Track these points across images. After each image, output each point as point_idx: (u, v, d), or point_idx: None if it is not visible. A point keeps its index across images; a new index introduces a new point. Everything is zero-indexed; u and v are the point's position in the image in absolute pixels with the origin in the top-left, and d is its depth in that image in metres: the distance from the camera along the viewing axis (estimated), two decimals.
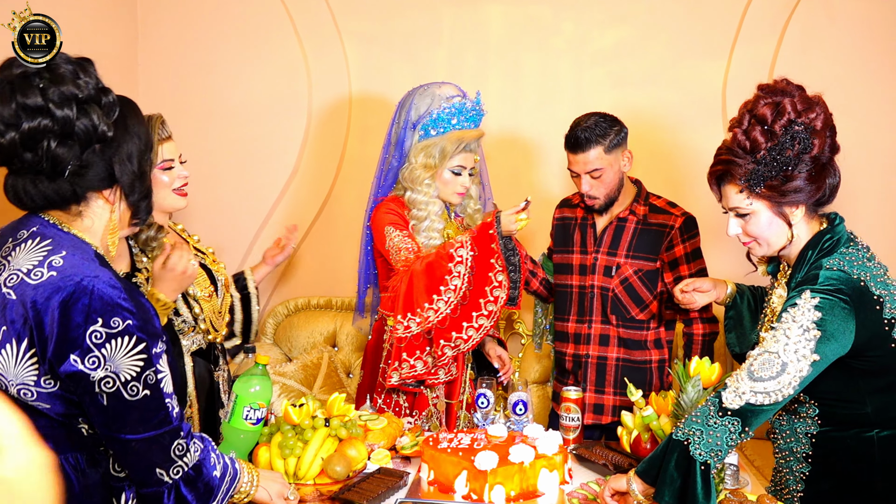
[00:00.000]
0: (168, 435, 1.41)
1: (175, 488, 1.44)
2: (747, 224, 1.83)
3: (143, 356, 1.37)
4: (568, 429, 2.28)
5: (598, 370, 2.52)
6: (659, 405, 2.08)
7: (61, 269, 1.35)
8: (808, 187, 1.75)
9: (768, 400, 1.62)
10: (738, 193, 1.80)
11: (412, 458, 2.14)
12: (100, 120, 1.39)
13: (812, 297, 1.67)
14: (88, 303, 1.33)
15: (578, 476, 2.05)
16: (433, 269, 2.31)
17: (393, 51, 3.37)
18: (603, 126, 2.39)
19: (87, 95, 1.38)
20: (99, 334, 1.33)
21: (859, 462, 1.79)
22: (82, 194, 1.43)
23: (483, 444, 1.99)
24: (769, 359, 1.65)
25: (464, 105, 2.46)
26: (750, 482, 2.02)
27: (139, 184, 1.48)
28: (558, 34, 3.30)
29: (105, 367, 1.34)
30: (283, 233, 2.74)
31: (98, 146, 1.41)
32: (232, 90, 3.42)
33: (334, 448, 1.91)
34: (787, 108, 1.73)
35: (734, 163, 1.78)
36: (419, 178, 2.45)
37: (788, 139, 1.73)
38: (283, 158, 3.43)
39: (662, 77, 3.26)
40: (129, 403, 1.36)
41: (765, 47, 3.20)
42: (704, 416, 1.65)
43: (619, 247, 2.48)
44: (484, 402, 2.29)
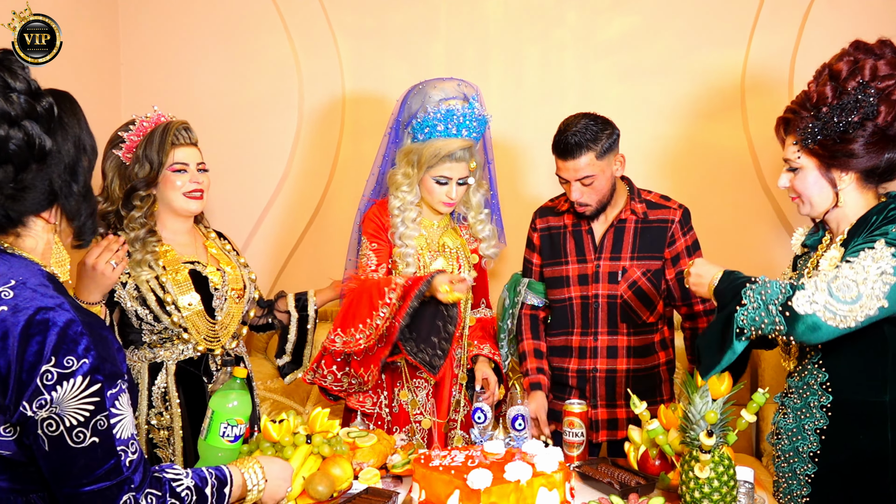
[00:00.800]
0: (115, 488, 1.31)
1: None
2: (795, 178, 1.87)
3: (95, 399, 1.27)
4: (571, 445, 2.24)
5: (608, 384, 2.48)
6: (668, 418, 2.04)
7: (11, 303, 1.26)
8: (863, 154, 1.75)
9: (831, 322, 1.66)
10: (792, 145, 1.85)
11: (404, 477, 2.11)
12: (36, 135, 1.28)
13: (888, 245, 1.68)
14: (42, 340, 1.25)
15: (582, 495, 2.01)
16: (367, 297, 2.36)
17: (388, 46, 3.36)
18: (594, 130, 2.32)
19: (18, 111, 1.26)
20: (50, 375, 1.24)
21: (871, 464, 1.77)
22: (17, 219, 1.32)
23: (478, 462, 1.96)
24: (848, 283, 1.66)
25: (451, 112, 2.40)
26: (766, 500, 1.97)
27: (84, 204, 1.38)
28: (562, 24, 3.28)
29: (50, 408, 1.24)
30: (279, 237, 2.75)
31: (36, 165, 1.30)
32: (218, 89, 3.43)
33: (317, 466, 1.89)
34: (864, 69, 1.74)
35: (798, 113, 1.82)
36: (396, 184, 2.46)
37: (853, 101, 1.74)
38: (273, 161, 3.44)
39: (675, 68, 3.23)
40: (74, 451, 1.27)
41: (786, 33, 3.16)
42: (771, 297, 1.72)
43: (622, 250, 2.44)
44: (481, 417, 2.27)
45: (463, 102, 2.44)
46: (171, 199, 2.26)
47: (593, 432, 2.51)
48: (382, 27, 3.36)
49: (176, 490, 1.40)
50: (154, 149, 2.21)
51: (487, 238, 2.61)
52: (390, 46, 3.36)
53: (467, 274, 2.54)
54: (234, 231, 3.45)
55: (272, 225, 3.48)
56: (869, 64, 1.73)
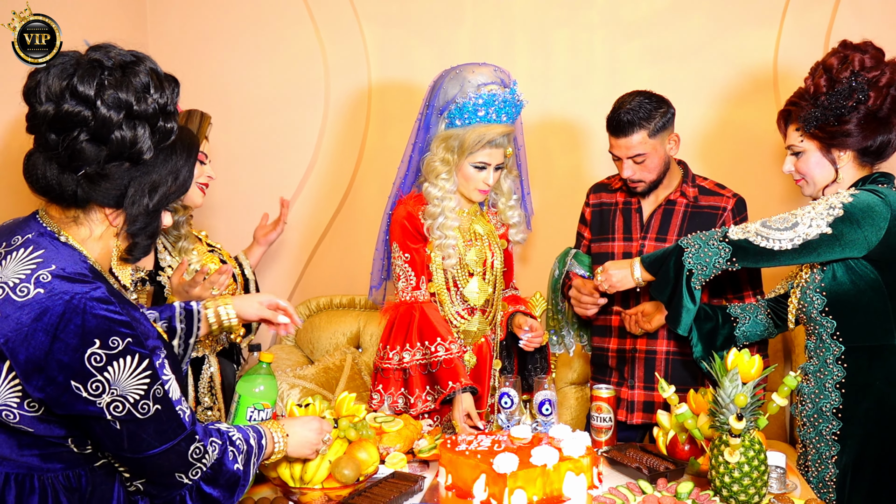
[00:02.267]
0: (184, 441, 1.43)
1: (195, 488, 1.46)
2: (799, 161, 2.13)
3: (148, 372, 1.37)
4: (599, 430, 2.23)
5: (647, 365, 2.46)
6: (698, 403, 2.02)
7: (49, 287, 1.32)
8: (857, 134, 2.02)
9: (765, 244, 1.99)
10: (795, 132, 2.12)
11: (430, 461, 2.12)
12: (142, 139, 1.37)
13: (853, 192, 1.99)
14: (81, 323, 1.31)
15: (609, 480, 2.00)
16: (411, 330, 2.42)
17: (413, 34, 3.35)
18: (647, 108, 2.34)
19: (141, 110, 1.36)
20: (98, 357, 1.31)
21: (890, 413, 1.97)
22: (83, 200, 1.40)
23: (504, 447, 1.96)
24: (785, 216, 2.03)
25: (493, 96, 2.37)
26: (798, 486, 1.94)
27: (145, 219, 1.44)
28: (590, 6, 3.24)
29: (111, 391, 1.33)
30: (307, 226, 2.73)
31: (127, 164, 1.38)
32: (245, 80, 3.45)
33: (343, 450, 1.90)
34: (853, 61, 2.01)
35: (798, 104, 2.10)
36: (436, 171, 2.40)
37: (847, 88, 2.00)
38: (299, 152, 3.45)
39: (706, 49, 3.18)
40: (143, 422, 1.37)
41: (819, 13, 3.09)
42: (709, 236, 2.11)
43: (668, 231, 2.43)
44: (507, 401, 2.26)
45: (503, 88, 2.41)
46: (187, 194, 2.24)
47: (629, 414, 2.49)
48: (407, 15, 3.36)
49: (231, 438, 1.54)
50: None
51: (518, 224, 2.60)
52: (415, 34, 3.35)
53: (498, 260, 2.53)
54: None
55: (300, 214, 3.49)
56: (857, 57, 2.01)
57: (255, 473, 1.58)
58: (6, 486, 1.39)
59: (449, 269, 2.45)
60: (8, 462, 1.39)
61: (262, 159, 3.49)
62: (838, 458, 1.98)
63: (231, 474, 1.50)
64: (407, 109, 2.68)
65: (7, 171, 2.48)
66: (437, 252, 2.44)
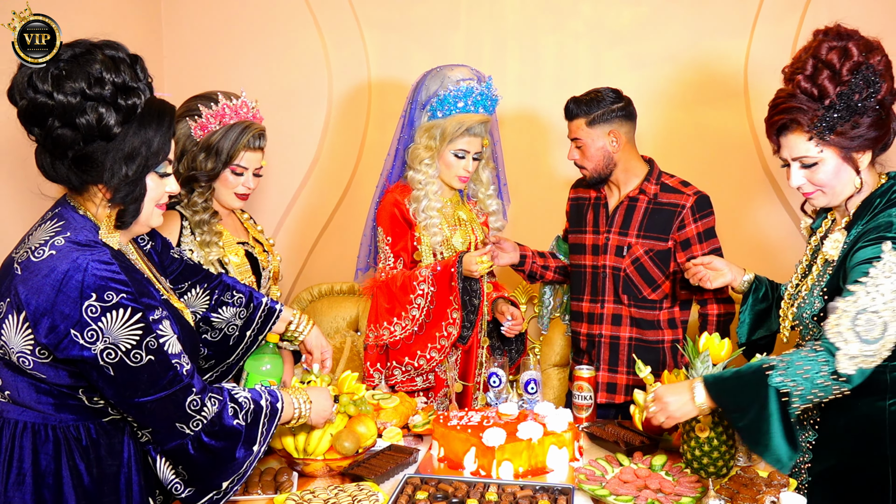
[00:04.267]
0: (180, 393, 1.47)
1: (196, 439, 1.49)
2: (814, 173, 1.77)
3: (141, 325, 1.43)
4: (580, 407, 2.25)
5: (612, 349, 2.47)
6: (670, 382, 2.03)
7: (60, 249, 1.42)
8: (876, 130, 1.71)
9: (874, 362, 1.60)
10: (808, 142, 1.73)
11: (424, 436, 2.13)
12: (107, 118, 1.42)
13: (894, 248, 1.62)
14: (82, 279, 1.39)
15: (589, 454, 2.03)
16: (395, 295, 2.44)
17: (411, 37, 3.35)
18: (594, 101, 2.40)
19: (97, 93, 1.41)
20: (94, 308, 1.39)
21: (869, 431, 1.73)
22: (79, 184, 1.49)
23: (493, 422, 1.98)
24: (872, 318, 1.59)
25: (471, 89, 2.44)
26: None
27: (126, 187, 1.49)
28: (575, 15, 3.25)
29: (104, 339, 1.40)
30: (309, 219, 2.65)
31: (103, 142, 1.44)
32: (254, 81, 3.43)
33: (344, 424, 1.91)
34: (853, 51, 1.69)
35: (800, 110, 1.72)
36: (419, 158, 2.46)
37: (859, 82, 1.68)
38: (303, 148, 3.45)
39: (682, 56, 3.20)
40: (135, 370, 1.42)
41: (787, 24, 3.11)
42: (814, 373, 1.61)
43: (629, 226, 2.43)
44: (496, 380, 2.28)
45: (479, 83, 2.48)
46: (221, 195, 2.23)
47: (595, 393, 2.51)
48: (406, 20, 3.36)
49: (235, 397, 1.56)
50: (227, 145, 2.15)
51: (496, 212, 2.66)
52: (413, 38, 3.35)
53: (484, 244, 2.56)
54: (267, 213, 3.48)
55: (303, 207, 3.49)
56: (854, 45, 1.69)
57: (270, 433, 1.59)
58: (24, 431, 1.48)
59: (437, 250, 2.49)
60: (27, 410, 1.48)
61: (269, 155, 3.46)
62: (811, 465, 1.83)
63: (230, 429, 1.53)
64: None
65: (6, 169, 2.48)
66: (425, 233, 2.49)
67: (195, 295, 1.88)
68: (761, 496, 1.67)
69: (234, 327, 1.92)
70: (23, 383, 1.47)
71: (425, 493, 1.69)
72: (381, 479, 1.82)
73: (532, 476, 1.87)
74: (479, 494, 1.70)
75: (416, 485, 1.75)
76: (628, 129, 2.42)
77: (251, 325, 1.93)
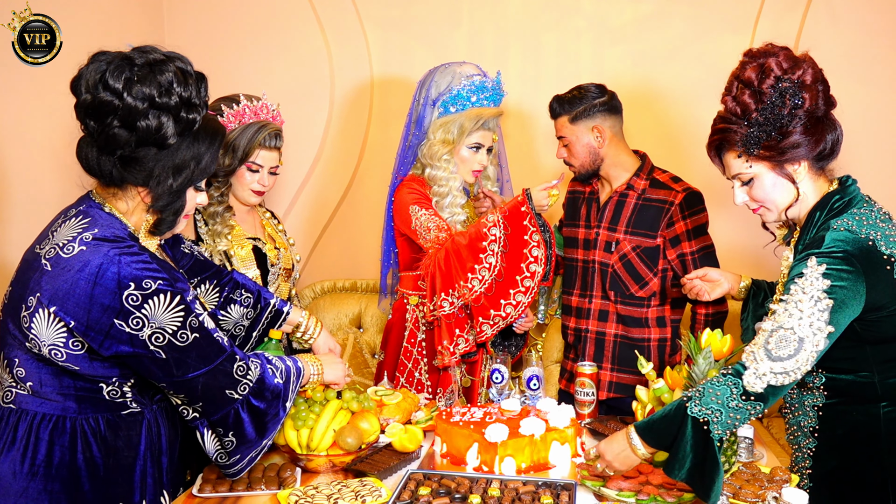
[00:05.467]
0: (226, 362, 1.56)
1: (245, 402, 1.59)
2: (752, 189, 1.78)
3: (182, 307, 1.50)
4: (583, 403, 2.25)
5: (597, 345, 2.47)
6: (673, 379, 2.04)
7: (90, 245, 1.46)
8: (806, 142, 1.70)
9: (788, 379, 1.57)
10: (737, 158, 1.76)
11: (427, 432, 2.13)
12: (166, 128, 1.47)
13: (818, 263, 1.61)
14: (117, 271, 1.44)
15: None
16: (467, 248, 2.31)
17: (413, 34, 3.35)
18: (575, 97, 2.40)
19: (164, 102, 1.47)
20: (135, 297, 1.44)
21: (865, 438, 1.72)
22: (119, 180, 1.53)
23: (495, 418, 1.98)
24: (785, 335, 1.58)
25: (483, 83, 2.46)
26: (765, 455, 1.97)
27: (168, 196, 1.54)
28: (577, 12, 3.24)
29: (150, 325, 1.46)
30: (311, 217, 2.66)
31: (155, 149, 1.50)
32: (256, 78, 3.43)
33: (347, 420, 1.91)
34: (771, 67, 1.69)
35: (729, 129, 1.75)
36: (437, 154, 2.44)
37: (777, 96, 1.68)
38: (307, 144, 3.45)
39: (684, 53, 3.19)
40: (183, 348, 1.50)
41: (790, 20, 3.10)
42: (725, 397, 1.58)
43: (619, 222, 2.42)
44: (498, 377, 2.28)
45: (487, 77, 2.49)
46: (238, 190, 2.33)
47: (572, 385, 2.51)
48: (408, 17, 3.35)
49: (269, 360, 1.67)
50: (243, 143, 2.26)
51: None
52: (415, 35, 3.35)
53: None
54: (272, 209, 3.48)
55: (305, 205, 3.50)
56: (773, 62, 1.69)
57: (294, 396, 1.72)
58: (42, 423, 1.51)
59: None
60: (46, 402, 1.51)
61: None
62: (812, 471, 1.82)
63: (274, 387, 1.64)
64: (406, 106, 2.70)
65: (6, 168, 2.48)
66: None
67: (205, 291, 1.92)
68: (763, 492, 1.67)
69: (240, 328, 1.98)
70: (47, 375, 1.50)
71: (428, 489, 1.69)
72: (384, 474, 1.83)
73: (534, 472, 1.87)
74: (482, 490, 1.70)
75: (419, 480, 1.76)
76: (613, 123, 2.41)
77: (257, 326, 2.00)
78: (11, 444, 1.49)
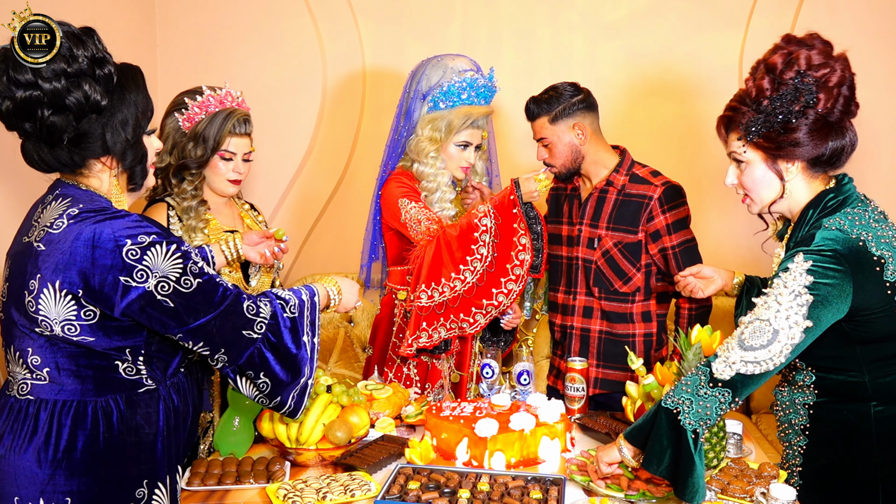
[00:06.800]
0: (234, 302, 1.56)
1: (265, 340, 1.59)
2: (742, 174, 1.79)
3: (178, 254, 1.50)
4: (573, 399, 2.26)
5: (582, 341, 2.48)
6: (663, 374, 2.04)
7: (78, 217, 1.47)
8: (807, 143, 1.67)
9: (759, 369, 1.57)
10: (737, 140, 1.76)
11: (417, 426, 2.14)
12: (92, 91, 1.47)
13: (805, 259, 1.60)
14: (112, 232, 1.44)
15: (581, 445, 2.03)
16: (459, 239, 2.30)
17: (406, 27, 3.34)
18: (552, 98, 2.38)
19: (76, 70, 1.45)
20: (134, 251, 1.45)
21: (856, 437, 1.72)
22: (80, 162, 1.53)
23: (485, 413, 1.98)
24: (760, 326, 1.59)
25: (475, 80, 2.43)
26: (753, 451, 1.98)
27: (131, 150, 1.56)
28: (571, 7, 3.24)
29: (154, 275, 1.47)
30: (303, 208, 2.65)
31: (94, 115, 1.49)
32: (248, 70, 3.42)
33: (336, 414, 1.91)
34: (798, 59, 1.65)
35: (738, 110, 1.73)
36: (425, 151, 2.43)
37: (792, 91, 1.65)
38: (299, 137, 3.43)
39: (677, 49, 3.19)
40: (189, 294, 1.50)
41: (783, 16, 3.10)
42: (695, 385, 1.60)
43: (600, 218, 2.43)
44: (489, 372, 2.28)
45: (480, 74, 2.46)
46: (213, 181, 2.29)
47: (559, 381, 2.51)
48: (401, 9, 3.34)
49: (280, 295, 1.66)
50: (213, 132, 2.23)
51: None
52: (408, 28, 3.34)
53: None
54: (262, 203, 3.46)
55: (297, 198, 3.48)
56: (803, 54, 1.65)
57: (317, 326, 1.70)
58: (63, 409, 1.50)
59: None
60: (64, 388, 1.51)
61: (264, 144, 3.45)
62: (802, 469, 1.82)
63: (290, 321, 1.64)
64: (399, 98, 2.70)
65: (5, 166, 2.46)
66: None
67: None
68: (751, 487, 1.68)
69: None
70: (63, 358, 1.50)
71: (417, 483, 1.69)
72: (374, 468, 1.83)
73: (524, 467, 1.88)
74: (472, 485, 1.70)
75: (409, 475, 1.76)
76: (592, 121, 2.41)
77: None
78: (34, 433, 1.49)
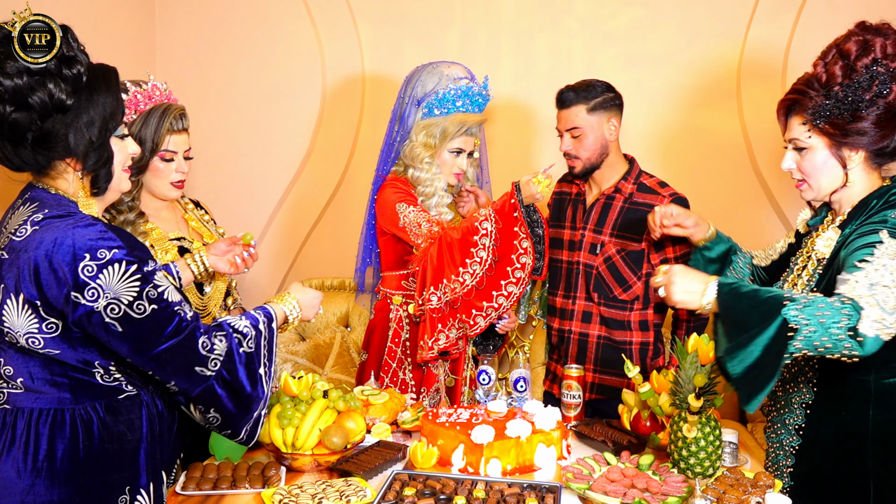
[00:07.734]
0: (190, 336, 1.48)
1: (219, 378, 1.52)
2: (802, 160, 1.75)
3: (138, 276, 1.43)
4: (569, 406, 2.25)
5: (580, 346, 2.47)
6: (660, 383, 2.04)
7: (42, 223, 1.43)
8: (873, 132, 1.65)
9: (887, 335, 1.49)
10: (801, 125, 1.73)
11: (413, 432, 2.13)
12: (57, 90, 1.42)
13: (891, 236, 1.57)
14: (72, 243, 1.39)
15: (577, 452, 2.03)
16: (459, 242, 2.31)
17: (406, 32, 3.35)
18: (590, 87, 2.38)
19: (40, 68, 1.41)
20: (90, 268, 1.39)
21: (852, 438, 1.72)
22: (45, 162, 1.49)
23: (481, 419, 1.98)
24: (885, 291, 1.50)
25: (470, 88, 2.44)
26: (749, 460, 1.98)
27: (94, 152, 1.50)
28: (570, 13, 3.25)
29: (104, 295, 1.39)
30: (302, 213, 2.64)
31: (59, 115, 1.45)
32: (247, 73, 3.43)
33: (332, 420, 1.91)
34: (874, 46, 1.63)
35: (806, 94, 1.70)
36: (419, 157, 2.44)
37: (866, 78, 1.64)
38: (297, 140, 3.44)
39: (676, 58, 3.20)
40: (140, 321, 1.43)
41: (781, 27, 3.12)
42: (832, 321, 1.48)
43: (604, 224, 2.43)
44: (485, 378, 2.28)
45: (474, 82, 2.47)
46: (155, 186, 2.11)
47: (555, 386, 2.51)
48: (401, 15, 3.35)
49: (236, 328, 1.59)
50: (150, 132, 2.05)
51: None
52: (408, 33, 3.35)
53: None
54: (258, 207, 3.48)
55: (295, 201, 3.49)
56: (879, 43, 1.63)
57: (273, 353, 1.65)
58: (40, 417, 1.47)
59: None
60: (41, 396, 1.47)
61: (262, 147, 3.47)
62: (793, 470, 1.80)
63: (246, 356, 1.57)
64: None
65: None
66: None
67: None
68: (747, 497, 1.68)
69: None
70: (36, 367, 1.46)
71: (413, 490, 1.69)
72: (369, 474, 1.82)
73: (520, 474, 1.87)
74: (467, 492, 1.70)
75: (404, 481, 1.75)
76: (620, 121, 2.42)
77: None
78: (11, 443, 1.46)
